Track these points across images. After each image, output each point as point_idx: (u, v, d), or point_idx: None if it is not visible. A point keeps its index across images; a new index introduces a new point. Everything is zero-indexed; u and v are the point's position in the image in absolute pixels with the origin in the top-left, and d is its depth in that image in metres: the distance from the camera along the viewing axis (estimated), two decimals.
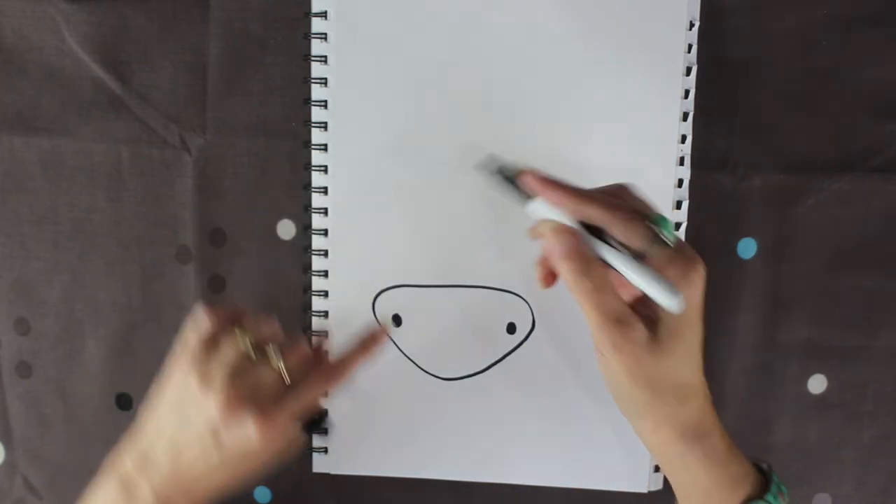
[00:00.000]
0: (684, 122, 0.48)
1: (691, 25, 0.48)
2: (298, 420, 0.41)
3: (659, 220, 0.38)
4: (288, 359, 0.41)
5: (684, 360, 0.39)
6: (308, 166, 0.49)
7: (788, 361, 0.51)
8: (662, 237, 0.37)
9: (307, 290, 0.51)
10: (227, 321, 0.42)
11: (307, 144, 0.49)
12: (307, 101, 0.49)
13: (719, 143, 0.49)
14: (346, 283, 0.50)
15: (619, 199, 0.39)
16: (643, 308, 0.38)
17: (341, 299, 0.50)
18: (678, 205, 0.49)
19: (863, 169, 0.49)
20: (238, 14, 0.49)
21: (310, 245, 0.50)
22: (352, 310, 0.50)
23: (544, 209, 0.39)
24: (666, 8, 0.47)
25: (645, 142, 0.48)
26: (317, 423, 0.45)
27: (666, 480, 0.51)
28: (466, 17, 0.48)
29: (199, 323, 0.42)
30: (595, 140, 0.48)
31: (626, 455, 0.51)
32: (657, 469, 0.51)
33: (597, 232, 0.38)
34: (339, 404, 0.51)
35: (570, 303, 0.49)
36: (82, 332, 0.52)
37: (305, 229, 0.50)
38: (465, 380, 0.50)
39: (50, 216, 0.51)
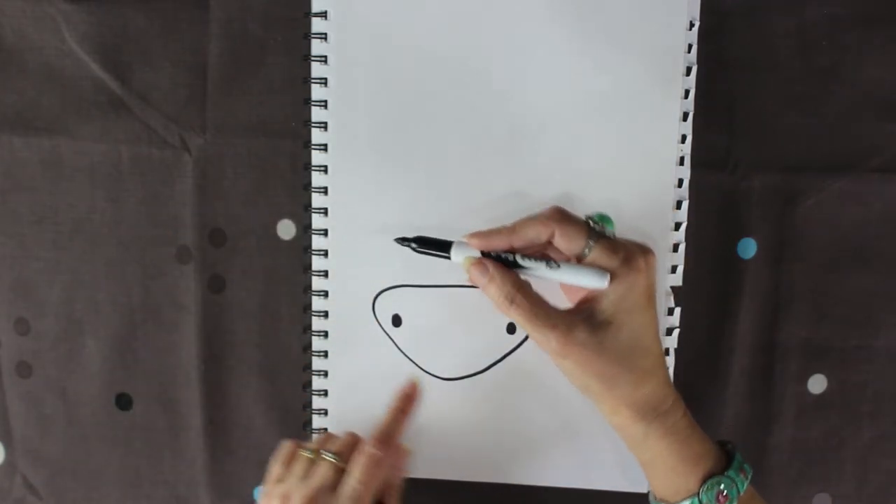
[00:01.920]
0: (684, 122, 0.48)
1: (691, 25, 0.48)
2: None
3: (598, 216, 0.42)
4: (342, 453, 0.45)
5: (632, 346, 0.41)
6: (308, 166, 0.49)
7: (788, 361, 0.51)
8: (604, 231, 0.42)
9: (307, 290, 0.51)
10: (298, 447, 0.47)
11: (307, 144, 0.49)
12: (307, 101, 0.49)
13: (719, 143, 0.49)
14: (346, 283, 0.50)
15: (552, 215, 0.42)
16: (585, 308, 0.41)
17: (341, 299, 0.50)
18: (678, 205, 0.49)
19: (863, 169, 0.49)
20: (238, 14, 0.49)
21: (310, 245, 0.50)
22: (352, 310, 0.50)
23: (464, 252, 0.42)
24: (666, 8, 0.47)
25: (645, 142, 0.48)
26: None
27: None
28: (466, 17, 0.48)
29: (279, 451, 0.48)
30: (594, 139, 0.48)
31: (626, 455, 0.50)
32: None
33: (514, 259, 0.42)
34: (339, 404, 0.51)
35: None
36: (82, 332, 0.52)
37: (305, 229, 0.50)
38: (465, 380, 0.50)
39: (50, 216, 0.51)
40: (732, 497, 0.42)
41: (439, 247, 0.43)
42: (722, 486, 0.41)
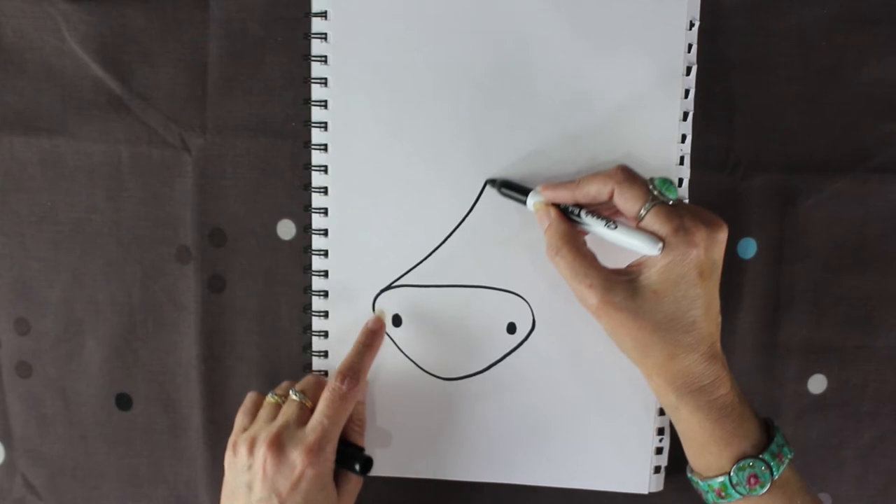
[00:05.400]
0: (684, 122, 0.48)
1: (691, 25, 0.48)
2: (343, 448, 0.46)
3: (660, 181, 0.42)
4: (307, 391, 0.47)
5: (671, 318, 0.41)
6: (308, 166, 0.49)
7: (788, 361, 0.51)
8: (661, 196, 0.41)
9: (307, 290, 0.51)
10: (263, 396, 0.49)
11: (307, 144, 0.49)
12: (307, 101, 0.49)
13: (719, 143, 0.49)
14: (346, 283, 0.50)
15: (615, 174, 0.42)
16: (633, 270, 0.42)
17: (341, 299, 0.50)
18: None
19: (863, 169, 0.49)
20: (238, 14, 0.49)
21: (310, 245, 0.50)
22: (352, 310, 0.50)
23: (537, 200, 0.45)
24: (666, 8, 0.47)
25: (645, 142, 0.48)
26: (366, 464, 0.47)
27: (667, 481, 0.51)
28: (466, 17, 0.48)
29: (244, 403, 0.49)
30: (595, 139, 0.48)
31: (627, 456, 0.51)
32: (657, 470, 0.51)
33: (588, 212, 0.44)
34: None
35: (570, 303, 0.49)
36: (82, 332, 0.52)
37: (305, 229, 0.50)
38: (465, 380, 0.50)
39: (50, 216, 0.51)
40: (765, 480, 0.41)
41: (520, 192, 0.46)
42: (754, 469, 0.41)
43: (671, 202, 0.41)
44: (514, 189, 0.47)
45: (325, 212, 0.50)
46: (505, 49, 0.48)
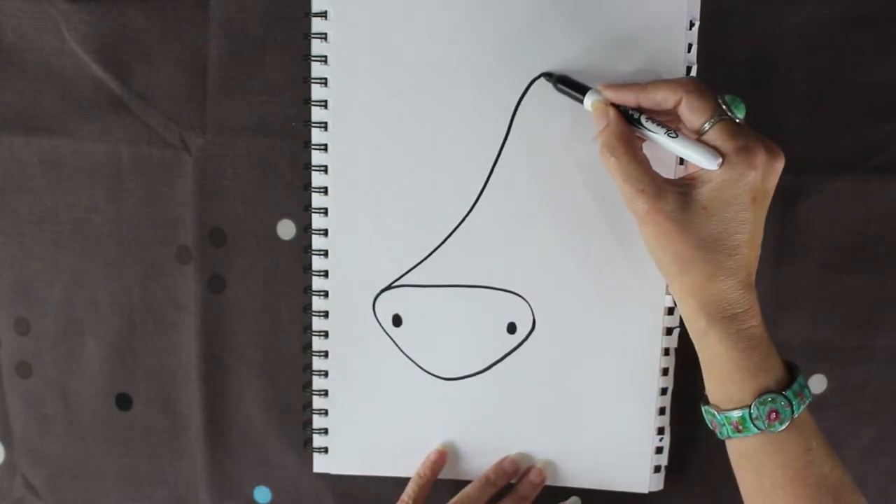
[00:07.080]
0: None
1: (691, 25, 0.48)
2: None
3: (730, 98, 0.41)
4: None
5: (717, 238, 0.40)
6: (308, 166, 0.49)
7: None
8: (729, 113, 0.41)
9: (307, 290, 0.51)
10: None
11: (307, 144, 0.49)
12: (307, 101, 0.49)
13: None
14: (346, 283, 0.50)
15: (685, 83, 0.42)
16: (687, 183, 0.41)
17: (341, 299, 0.50)
18: None
19: (863, 169, 0.49)
20: (238, 14, 0.49)
21: (310, 245, 0.50)
22: (352, 310, 0.50)
23: (596, 98, 0.44)
24: (666, 8, 0.47)
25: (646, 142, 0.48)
26: None
27: (667, 480, 0.51)
28: (466, 16, 0.48)
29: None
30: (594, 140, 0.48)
31: (627, 455, 0.51)
32: (657, 470, 0.51)
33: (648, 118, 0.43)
34: (339, 404, 0.51)
35: (571, 303, 0.49)
36: (82, 332, 0.52)
37: (305, 229, 0.50)
38: (465, 380, 0.50)
39: (50, 216, 0.51)
40: (785, 417, 0.40)
41: (577, 89, 0.45)
42: (775, 405, 0.40)
43: (738, 120, 0.41)
44: (571, 86, 0.45)
45: (325, 212, 0.50)
46: (503, 49, 0.48)
